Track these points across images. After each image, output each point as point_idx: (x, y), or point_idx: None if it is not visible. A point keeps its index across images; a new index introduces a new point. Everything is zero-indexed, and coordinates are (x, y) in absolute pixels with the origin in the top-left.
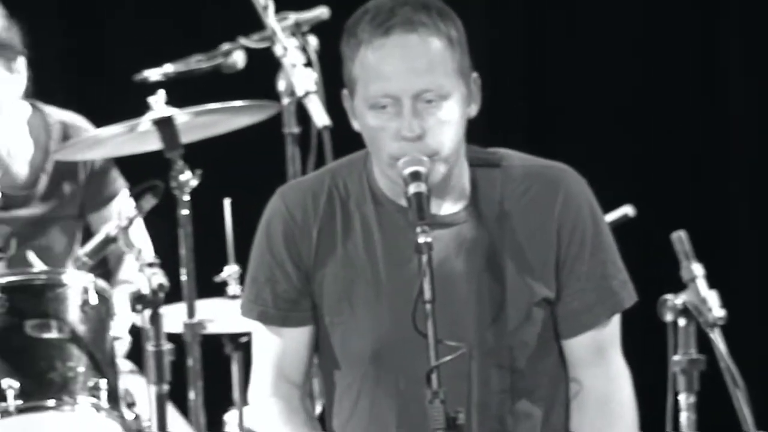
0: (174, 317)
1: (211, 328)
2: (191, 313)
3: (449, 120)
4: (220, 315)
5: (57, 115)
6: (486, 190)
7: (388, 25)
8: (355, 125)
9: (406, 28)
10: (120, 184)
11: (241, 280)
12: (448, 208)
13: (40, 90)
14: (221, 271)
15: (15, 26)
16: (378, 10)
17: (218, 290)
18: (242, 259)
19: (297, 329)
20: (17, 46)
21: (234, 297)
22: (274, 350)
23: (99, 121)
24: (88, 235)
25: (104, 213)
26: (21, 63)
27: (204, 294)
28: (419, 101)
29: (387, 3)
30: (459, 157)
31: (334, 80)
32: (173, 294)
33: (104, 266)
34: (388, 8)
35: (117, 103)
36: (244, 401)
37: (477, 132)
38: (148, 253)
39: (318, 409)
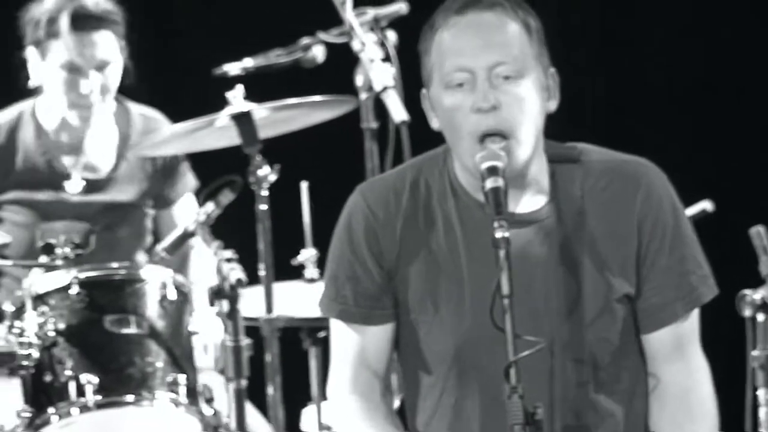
0: (251, 302)
1: (288, 311)
2: (269, 308)
3: (524, 99)
4: (297, 298)
5: (137, 109)
6: (565, 186)
7: (464, 3)
8: (434, 124)
9: (482, 7)
10: (190, 184)
11: (318, 263)
12: (527, 204)
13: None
14: (298, 254)
15: (122, 8)
16: (454, 0)
17: (296, 274)
18: (319, 243)
19: (378, 327)
20: (125, 27)
21: (311, 280)
22: (354, 347)
23: (178, 116)
24: (156, 230)
25: (172, 211)
26: (123, 45)
27: (281, 277)
28: (494, 77)
29: None
30: (537, 152)
31: (412, 75)
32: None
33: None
34: None
35: (196, 97)
36: (323, 396)
37: (553, 125)
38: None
39: (396, 403)
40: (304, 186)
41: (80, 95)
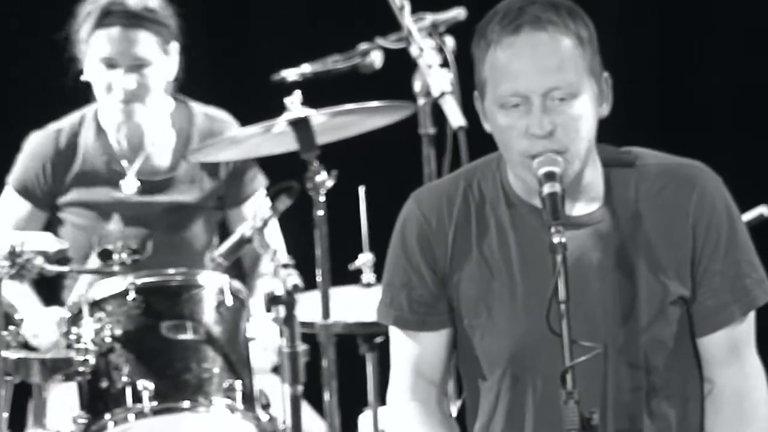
0: (307, 307)
1: (345, 316)
2: (326, 313)
3: (579, 117)
4: (355, 303)
5: (201, 108)
6: (620, 190)
7: (517, 23)
8: (487, 127)
9: (535, 27)
10: (260, 182)
11: (375, 268)
12: (582, 208)
13: (180, 87)
14: (356, 259)
15: (172, 10)
16: (507, 10)
17: (353, 278)
18: (376, 248)
19: (434, 333)
20: (173, 28)
21: (368, 285)
22: (411, 353)
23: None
24: (223, 232)
25: (243, 209)
26: (174, 48)
27: (338, 282)
28: (549, 99)
29: (516, 3)
30: (591, 157)
31: (470, 81)
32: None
33: (238, 268)
34: (517, 8)
35: (254, 103)
36: (379, 402)
37: (611, 130)
38: (283, 254)
39: (453, 408)
40: (361, 191)
41: (114, 91)
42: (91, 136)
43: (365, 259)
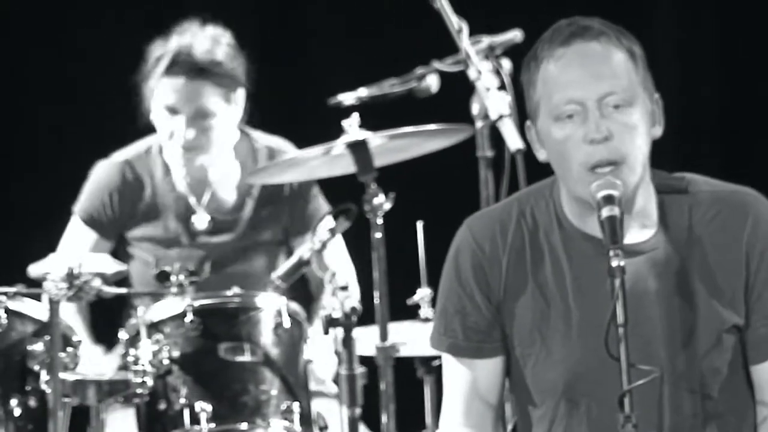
0: (367, 340)
1: (404, 351)
2: (384, 336)
3: (635, 126)
4: (413, 338)
5: (263, 140)
6: (674, 217)
7: (568, 37)
8: (540, 155)
9: (586, 37)
10: (323, 209)
11: (434, 303)
12: (636, 235)
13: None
14: (414, 294)
15: (241, 57)
16: (556, 30)
17: (411, 313)
18: (434, 282)
19: (488, 360)
20: (239, 77)
21: (426, 320)
22: (465, 380)
23: (294, 144)
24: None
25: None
26: (240, 94)
27: (397, 317)
28: (604, 106)
29: (564, 23)
30: (645, 181)
31: (527, 104)
32: (366, 316)
33: (304, 290)
34: (566, 25)
35: (312, 126)
36: (436, 425)
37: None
38: (344, 275)
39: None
40: (419, 225)
41: (176, 138)
42: (159, 171)
43: (423, 294)
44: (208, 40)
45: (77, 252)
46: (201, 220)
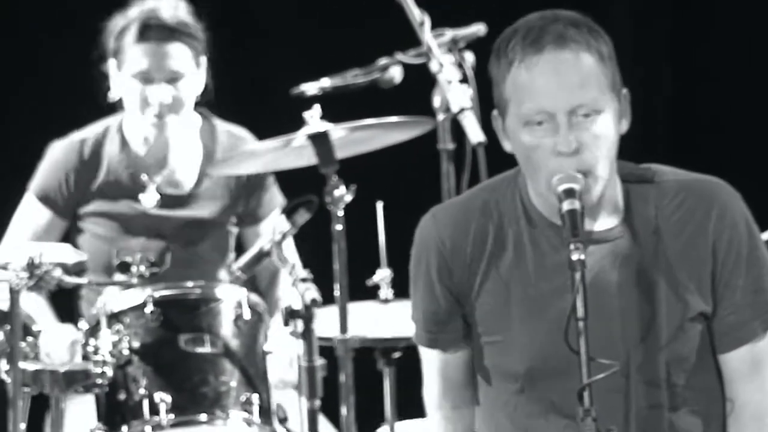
0: (325, 322)
1: (364, 332)
2: (344, 328)
3: (604, 135)
4: (373, 319)
5: (224, 126)
6: (639, 206)
7: (540, 42)
8: (506, 146)
9: (558, 45)
10: (276, 201)
11: (393, 284)
12: (601, 224)
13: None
14: (374, 274)
15: (202, 24)
16: (528, 28)
17: (371, 294)
18: (394, 263)
19: (450, 350)
20: (203, 42)
21: (386, 301)
22: (435, 366)
23: (254, 135)
24: (239, 248)
25: (259, 228)
26: (204, 61)
27: (356, 297)
28: (574, 116)
29: (536, 21)
30: (612, 174)
31: (489, 97)
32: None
33: (254, 283)
34: (538, 26)
35: (273, 117)
36: (396, 417)
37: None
38: (300, 268)
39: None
40: (379, 206)
41: (151, 105)
42: (115, 148)
43: (383, 275)
44: (170, 4)
45: (30, 230)
46: (149, 197)
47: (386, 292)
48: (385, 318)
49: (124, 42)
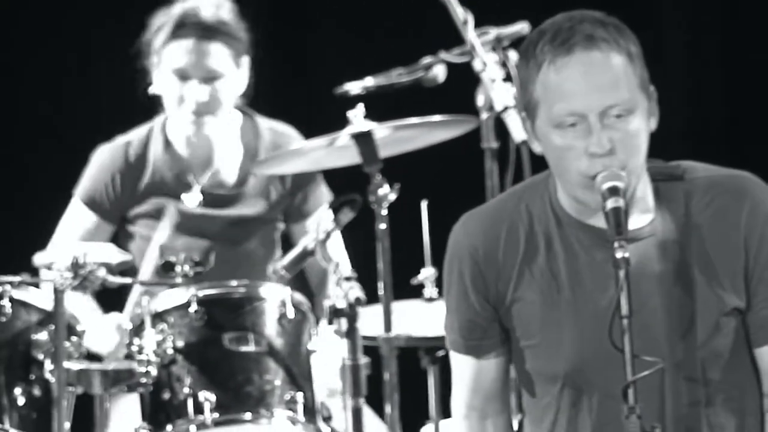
0: (370, 321)
1: (407, 330)
2: (388, 327)
3: (636, 133)
4: (417, 317)
5: (267, 123)
6: (671, 203)
7: (569, 43)
8: (536, 148)
9: (587, 45)
10: (324, 197)
11: (438, 282)
12: (633, 222)
13: (247, 101)
14: (419, 273)
15: (245, 23)
16: (556, 29)
17: (415, 293)
18: (439, 262)
19: (486, 357)
20: (245, 42)
21: (430, 299)
22: (467, 374)
23: (299, 134)
24: (286, 245)
25: (306, 224)
26: (245, 61)
27: (401, 296)
28: (606, 117)
29: (564, 22)
30: (642, 172)
31: None
32: (369, 297)
33: (304, 282)
34: (567, 27)
35: (317, 116)
36: (441, 415)
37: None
38: (346, 266)
39: (515, 421)
40: (423, 205)
41: (187, 103)
42: (159, 149)
43: (427, 274)
44: (212, 2)
45: (76, 234)
46: (193, 199)
47: (431, 290)
48: (430, 317)
49: (163, 38)
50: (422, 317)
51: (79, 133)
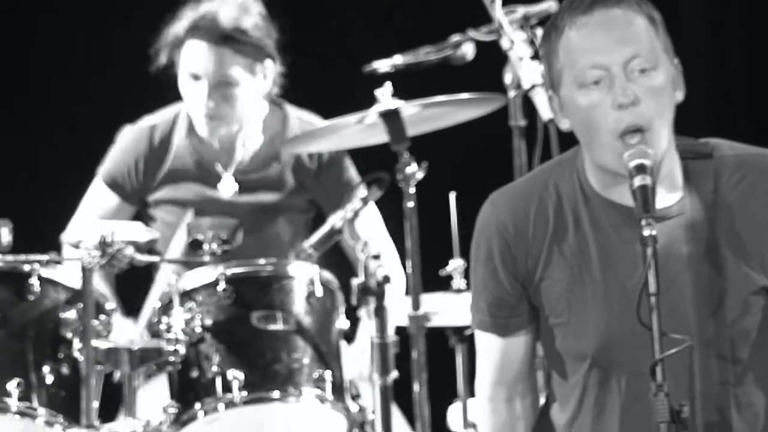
0: (399, 309)
1: (436, 322)
2: (416, 305)
3: (660, 90)
4: (445, 308)
5: (296, 112)
6: (699, 182)
7: (590, 5)
8: (563, 124)
9: (608, 4)
10: (355, 179)
11: (466, 274)
12: (661, 201)
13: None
14: (447, 265)
15: (271, 28)
16: (576, 0)
17: (444, 284)
18: (467, 253)
19: (514, 335)
20: (266, 48)
21: (459, 291)
22: (494, 353)
23: (327, 112)
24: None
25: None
26: (268, 66)
27: (429, 288)
28: (630, 70)
29: None
30: (670, 147)
31: None
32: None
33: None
34: None
35: (345, 94)
36: (469, 394)
37: (699, 118)
38: (379, 244)
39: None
40: (452, 196)
41: (200, 105)
42: (183, 134)
43: (456, 265)
44: (236, 8)
45: (97, 214)
46: (228, 187)
47: (459, 282)
48: (459, 308)
49: (182, 35)
50: (450, 309)
51: (106, 112)
